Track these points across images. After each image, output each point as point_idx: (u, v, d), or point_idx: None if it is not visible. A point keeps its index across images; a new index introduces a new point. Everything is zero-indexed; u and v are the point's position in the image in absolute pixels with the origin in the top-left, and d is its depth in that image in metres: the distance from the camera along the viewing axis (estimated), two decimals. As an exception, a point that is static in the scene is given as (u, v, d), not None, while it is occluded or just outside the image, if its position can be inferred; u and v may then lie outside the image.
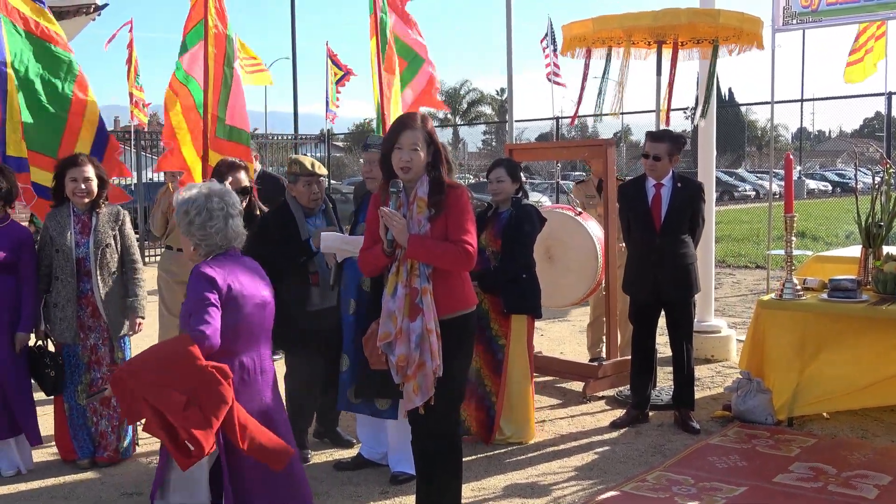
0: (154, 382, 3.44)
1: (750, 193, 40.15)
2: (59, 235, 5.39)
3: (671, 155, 6.04)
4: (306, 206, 5.54)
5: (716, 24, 6.63)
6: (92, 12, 14.62)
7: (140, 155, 20.57)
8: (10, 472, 5.35)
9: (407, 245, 3.83)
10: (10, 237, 5.30)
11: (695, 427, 5.97)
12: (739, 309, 10.94)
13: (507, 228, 5.77)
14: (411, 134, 3.89)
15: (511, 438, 5.82)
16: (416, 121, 3.93)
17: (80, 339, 5.43)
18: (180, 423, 3.40)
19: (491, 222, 5.86)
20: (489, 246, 5.80)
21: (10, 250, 5.27)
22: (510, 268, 5.73)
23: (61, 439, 5.54)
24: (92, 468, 5.43)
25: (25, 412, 5.38)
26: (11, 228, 5.37)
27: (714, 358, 8.05)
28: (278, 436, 3.70)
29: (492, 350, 5.82)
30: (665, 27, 6.63)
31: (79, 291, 5.42)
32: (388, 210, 3.84)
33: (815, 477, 5.05)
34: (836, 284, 6.03)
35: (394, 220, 3.81)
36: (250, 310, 3.73)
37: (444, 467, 4.04)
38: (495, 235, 5.80)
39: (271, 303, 3.88)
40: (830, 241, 17.21)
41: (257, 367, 3.79)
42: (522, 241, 5.77)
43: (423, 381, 3.84)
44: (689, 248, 6.06)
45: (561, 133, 22.28)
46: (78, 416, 5.48)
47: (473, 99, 56.39)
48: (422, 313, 3.81)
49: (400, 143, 3.89)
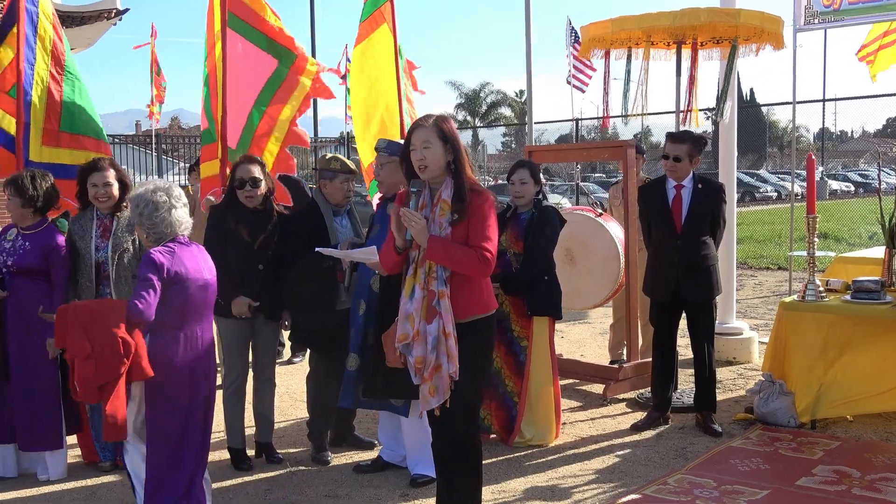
0: (82, 326, 4.11)
1: (772, 194, 39.91)
2: (80, 239, 5.43)
3: (691, 156, 6.01)
4: (336, 205, 5.57)
5: (736, 24, 6.58)
6: (113, 17, 14.73)
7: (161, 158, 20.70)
8: (45, 477, 5.36)
9: (426, 246, 3.82)
10: (40, 243, 5.33)
11: (717, 430, 5.93)
12: (761, 310, 10.86)
13: (529, 230, 5.77)
14: (421, 132, 3.91)
15: (532, 441, 5.81)
16: (427, 120, 3.96)
17: None
18: (76, 367, 4.10)
19: (511, 224, 5.85)
20: (511, 247, 5.80)
21: (41, 256, 5.30)
22: (533, 270, 5.73)
23: (84, 442, 5.58)
24: (113, 471, 5.45)
25: (53, 418, 5.37)
26: (44, 234, 5.38)
27: (736, 360, 8.00)
28: (199, 388, 4.41)
29: (514, 352, 5.82)
30: (685, 27, 6.58)
31: (97, 295, 5.45)
32: (408, 210, 3.85)
33: (839, 480, 5.00)
34: (860, 286, 5.97)
35: (413, 220, 3.81)
36: (193, 290, 4.32)
37: (464, 470, 4.02)
38: (517, 237, 5.80)
39: (213, 284, 4.47)
40: (853, 243, 17.07)
41: (199, 336, 4.42)
42: (544, 242, 5.77)
43: (439, 384, 3.82)
44: (710, 249, 6.02)
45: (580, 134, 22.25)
46: (99, 419, 5.50)
47: (493, 101, 56.32)
48: (438, 316, 3.80)
49: (413, 143, 3.93)
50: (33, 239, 5.34)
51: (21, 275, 5.27)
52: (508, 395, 5.85)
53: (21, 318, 5.26)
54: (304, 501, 4.93)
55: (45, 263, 5.33)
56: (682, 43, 6.91)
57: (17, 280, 5.28)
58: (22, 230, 5.36)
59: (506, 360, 5.83)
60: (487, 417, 5.87)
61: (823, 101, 14.79)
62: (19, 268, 5.27)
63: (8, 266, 5.28)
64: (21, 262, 5.27)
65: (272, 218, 5.48)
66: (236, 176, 5.46)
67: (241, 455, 5.53)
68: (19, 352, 5.28)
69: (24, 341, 5.27)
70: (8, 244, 5.33)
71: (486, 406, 5.82)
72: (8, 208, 5.38)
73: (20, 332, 5.27)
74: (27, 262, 5.27)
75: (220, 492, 5.09)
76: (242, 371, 5.55)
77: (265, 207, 5.48)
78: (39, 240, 5.35)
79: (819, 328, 6.01)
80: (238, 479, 5.32)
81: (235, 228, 5.38)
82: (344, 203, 5.61)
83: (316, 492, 5.06)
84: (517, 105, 54.60)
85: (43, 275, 5.34)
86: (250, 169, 5.44)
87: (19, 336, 5.28)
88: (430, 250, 3.81)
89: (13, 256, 5.28)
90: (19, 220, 5.37)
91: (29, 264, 5.27)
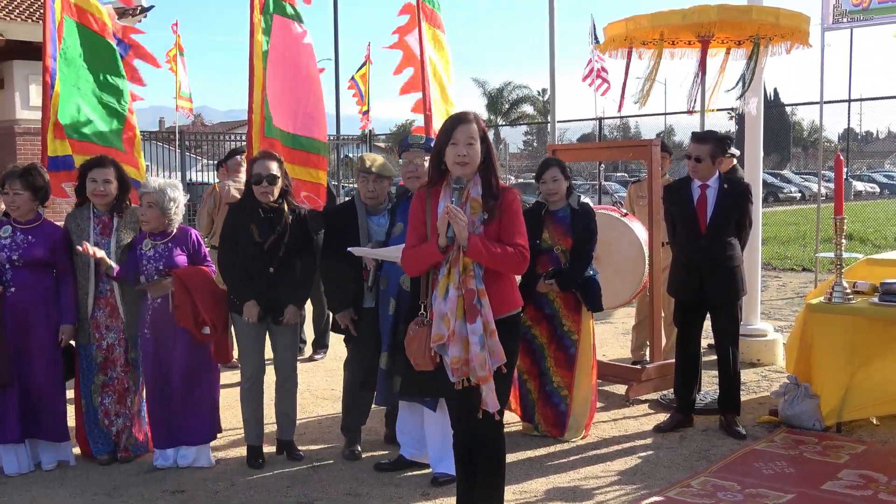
0: (197, 286, 5.34)
1: (795, 195, 39.60)
2: (77, 237, 5.45)
3: (714, 157, 5.94)
4: (368, 204, 5.53)
5: (749, 20, 6.49)
6: (138, 14, 14.81)
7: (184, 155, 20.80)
8: (51, 466, 5.43)
9: (468, 245, 3.79)
10: (45, 235, 5.37)
11: (741, 432, 5.88)
12: (786, 312, 10.76)
13: (576, 226, 5.84)
14: (467, 127, 3.86)
15: (569, 436, 5.88)
16: (470, 116, 3.92)
17: (95, 339, 5.49)
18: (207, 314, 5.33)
19: (551, 221, 5.91)
20: (558, 244, 5.87)
21: (47, 248, 5.34)
22: (587, 264, 5.85)
23: (80, 436, 5.62)
24: (112, 463, 5.51)
25: (56, 410, 5.44)
26: (45, 227, 5.44)
27: (760, 362, 7.93)
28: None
29: (564, 346, 5.91)
30: (696, 25, 6.50)
31: (97, 292, 5.48)
32: (455, 208, 3.78)
33: (865, 485, 4.93)
34: (888, 288, 5.89)
35: (458, 217, 3.75)
36: None
37: (489, 469, 4.00)
38: (564, 233, 5.87)
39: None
40: (879, 244, 16.90)
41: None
42: (592, 237, 5.90)
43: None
44: (734, 250, 5.96)
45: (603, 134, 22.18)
46: (94, 415, 5.55)
47: (516, 98, 56.12)
48: (480, 314, 3.77)
49: (455, 138, 3.86)
50: (36, 232, 5.36)
51: (27, 268, 5.29)
52: (556, 391, 5.91)
53: (23, 313, 5.28)
54: (325, 499, 4.92)
55: (52, 256, 5.36)
56: (705, 41, 6.83)
57: (20, 274, 5.29)
58: (20, 225, 5.36)
59: (555, 355, 5.92)
60: (535, 416, 5.96)
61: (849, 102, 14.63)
62: (27, 261, 5.28)
63: (13, 260, 5.27)
64: (28, 254, 5.28)
65: (284, 219, 5.38)
66: (253, 171, 5.41)
67: (255, 452, 5.54)
68: (22, 345, 5.30)
69: (28, 334, 5.30)
70: (5, 240, 5.30)
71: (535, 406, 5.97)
72: (10, 203, 5.36)
73: (23, 326, 5.29)
74: (35, 254, 5.29)
75: (242, 488, 5.11)
76: (258, 368, 5.54)
77: (279, 206, 5.42)
78: (44, 232, 5.38)
79: (846, 331, 5.93)
80: (259, 474, 5.32)
81: (248, 228, 5.36)
82: (369, 202, 5.53)
83: (337, 489, 5.06)
84: (539, 103, 54.44)
85: (49, 267, 5.38)
86: (268, 165, 5.37)
87: (21, 330, 5.29)
88: (472, 249, 3.77)
89: (18, 250, 5.28)
90: (25, 214, 5.38)
91: (37, 257, 5.30)
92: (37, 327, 5.33)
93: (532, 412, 5.99)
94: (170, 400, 5.39)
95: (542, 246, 5.87)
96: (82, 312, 5.46)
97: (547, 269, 5.84)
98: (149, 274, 5.35)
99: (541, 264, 5.83)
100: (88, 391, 5.52)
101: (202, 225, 7.34)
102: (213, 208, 7.49)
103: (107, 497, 5.00)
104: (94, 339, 5.48)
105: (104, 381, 5.52)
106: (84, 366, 5.52)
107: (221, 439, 5.88)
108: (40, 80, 6.34)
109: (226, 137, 21.47)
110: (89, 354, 5.51)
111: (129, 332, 5.51)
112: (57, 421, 5.45)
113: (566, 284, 5.82)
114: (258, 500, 4.92)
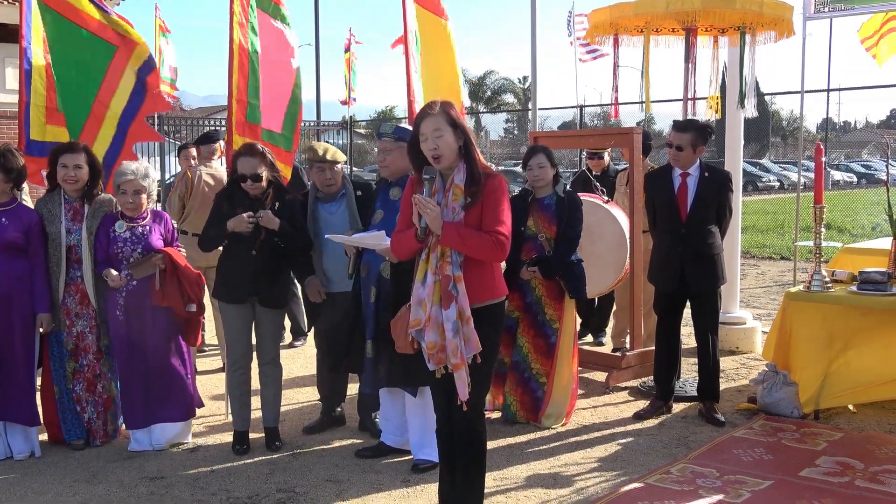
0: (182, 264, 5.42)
1: (774, 184, 39.84)
2: (49, 223, 5.41)
3: (695, 145, 5.95)
4: (323, 193, 5.59)
5: (732, 9, 6.48)
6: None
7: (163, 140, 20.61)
8: (22, 456, 5.36)
9: (441, 233, 3.78)
10: (18, 219, 5.32)
11: (720, 419, 5.91)
12: (764, 300, 10.84)
13: (561, 214, 5.83)
14: (431, 121, 3.86)
15: (548, 423, 5.89)
16: (434, 107, 3.91)
17: (65, 326, 5.44)
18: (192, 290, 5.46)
19: (536, 208, 5.91)
20: (543, 232, 5.87)
21: (20, 232, 5.29)
22: (571, 252, 5.84)
23: (50, 422, 5.56)
24: (86, 448, 5.50)
25: (27, 394, 5.38)
26: (19, 210, 5.38)
27: (739, 349, 7.98)
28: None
29: (545, 334, 5.91)
30: (680, 13, 6.48)
31: (68, 278, 5.43)
32: (422, 197, 3.80)
33: (842, 472, 4.98)
34: (866, 277, 5.94)
35: (427, 207, 3.76)
36: None
37: (469, 456, 4.00)
38: (548, 221, 5.86)
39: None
40: (856, 233, 17.04)
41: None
42: (578, 225, 5.89)
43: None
44: (715, 238, 5.99)
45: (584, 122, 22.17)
46: (67, 401, 5.51)
47: (497, 87, 56.11)
48: (455, 300, 3.77)
49: (423, 133, 3.87)
50: (10, 215, 5.31)
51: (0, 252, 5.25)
52: (534, 378, 5.92)
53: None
54: (306, 485, 4.91)
55: (26, 240, 5.31)
56: (690, 30, 6.84)
57: None
58: None
59: (534, 342, 5.92)
60: (514, 404, 5.96)
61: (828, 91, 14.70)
62: (0, 244, 5.23)
63: None
64: (2, 237, 5.22)
65: (266, 204, 5.35)
66: (237, 170, 5.37)
67: (241, 437, 5.52)
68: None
69: (2, 318, 5.26)
70: None
71: (512, 391, 5.96)
72: None
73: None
74: (8, 237, 5.23)
75: (222, 474, 5.09)
76: (243, 355, 5.51)
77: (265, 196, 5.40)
78: (18, 216, 5.32)
79: (824, 319, 5.98)
80: (239, 461, 5.31)
81: (231, 212, 5.33)
82: (326, 191, 5.60)
83: (317, 476, 5.05)
84: (521, 91, 54.42)
85: (22, 252, 5.32)
86: (252, 163, 5.32)
87: None
88: (445, 237, 3.77)
89: None
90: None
91: (11, 240, 5.24)
92: (11, 311, 5.27)
93: (511, 400, 5.98)
94: (146, 380, 5.38)
95: (527, 233, 5.87)
96: (54, 299, 5.41)
97: (531, 256, 5.84)
98: (125, 256, 5.32)
99: (525, 252, 5.83)
100: (61, 378, 5.47)
101: (174, 210, 7.28)
102: (184, 192, 7.43)
103: (87, 484, 4.97)
104: (63, 326, 5.43)
105: (75, 368, 5.48)
106: (55, 353, 5.47)
107: (201, 426, 5.85)
108: (16, 64, 6.25)
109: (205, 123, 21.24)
110: (60, 341, 5.46)
111: (101, 319, 5.47)
112: (29, 405, 5.39)
113: (549, 272, 5.82)
114: (238, 487, 4.91)
